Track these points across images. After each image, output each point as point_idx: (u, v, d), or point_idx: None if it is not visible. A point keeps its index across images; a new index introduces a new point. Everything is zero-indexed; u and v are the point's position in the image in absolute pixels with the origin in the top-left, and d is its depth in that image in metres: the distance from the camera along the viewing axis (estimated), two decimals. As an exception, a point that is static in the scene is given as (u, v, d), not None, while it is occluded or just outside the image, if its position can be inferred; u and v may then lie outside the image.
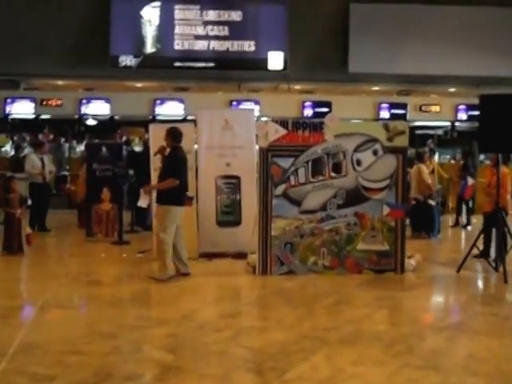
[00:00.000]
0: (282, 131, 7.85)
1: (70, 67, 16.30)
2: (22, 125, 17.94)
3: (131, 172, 12.03)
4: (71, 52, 16.28)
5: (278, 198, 7.82)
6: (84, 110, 17.62)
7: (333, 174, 7.88)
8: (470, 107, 18.11)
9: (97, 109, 17.66)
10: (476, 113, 9.84)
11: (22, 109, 17.48)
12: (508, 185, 9.25)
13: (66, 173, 17.00)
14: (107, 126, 17.99)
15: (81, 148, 17.59)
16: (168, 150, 7.63)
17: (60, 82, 17.88)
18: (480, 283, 8.10)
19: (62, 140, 18.26)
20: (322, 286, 7.33)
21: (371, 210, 7.91)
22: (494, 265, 8.04)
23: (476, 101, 8.65)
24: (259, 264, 7.83)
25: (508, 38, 16.84)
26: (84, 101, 17.63)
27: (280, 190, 7.83)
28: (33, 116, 17.69)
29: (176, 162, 7.51)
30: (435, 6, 16.64)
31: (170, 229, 7.44)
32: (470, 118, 18.06)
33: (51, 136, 17.95)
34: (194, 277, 7.77)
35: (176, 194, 7.45)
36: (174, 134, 7.64)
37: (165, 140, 7.66)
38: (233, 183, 9.16)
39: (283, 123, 7.87)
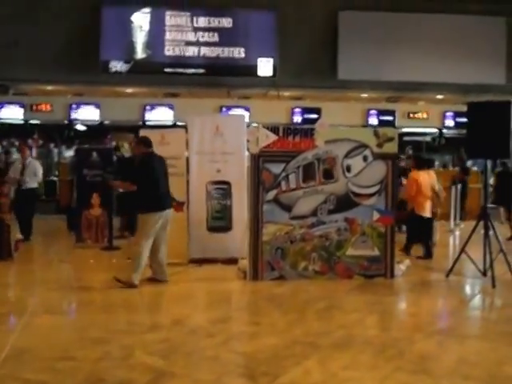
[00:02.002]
0: (273, 137, 7.88)
1: (60, 72, 16.27)
2: (11, 130, 17.89)
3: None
4: (61, 57, 16.25)
5: (268, 204, 7.84)
6: (74, 115, 17.59)
7: (323, 180, 7.92)
8: (457, 114, 18.28)
9: (86, 114, 17.64)
10: (463, 120, 9.93)
11: (11, 114, 17.42)
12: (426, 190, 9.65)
13: (55, 178, 16.95)
14: (97, 131, 17.97)
15: (70, 153, 17.55)
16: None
17: (50, 88, 17.83)
18: (469, 288, 8.16)
19: (52, 145, 18.21)
20: (313, 291, 7.35)
21: (361, 216, 7.95)
22: (482, 270, 8.11)
23: (463, 108, 8.73)
24: (250, 269, 7.84)
25: (495, 46, 17.04)
26: (74, 106, 17.61)
27: (271, 195, 7.85)
28: (22, 121, 17.62)
29: (148, 168, 7.48)
30: (423, 15, 16.82)
31: (147, 241, 7.37)
32: (458, 125, 18.23)
33: (40, 141, 17.90)
34: (185, 282, 7.79)
35: (153, 200, 7.38)
36: (146, 141, 7.64)
37: (135, 148, 7.71)
38: (223, 189, 9.17)
39: (274, 129, 7.91)
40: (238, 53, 16.80)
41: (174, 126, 16.61)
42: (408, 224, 10.34)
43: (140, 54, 16.69)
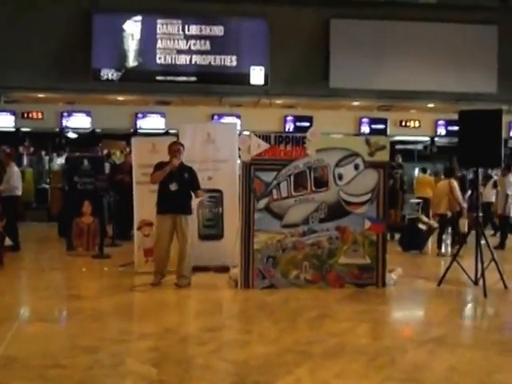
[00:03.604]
0: (265, 145, 7.88)
1: (51, 80, 16.25)
2: (1, 138, 17.81)
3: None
4: (53, 65, 16.24)
5: (260, 212, 7.84)
6: (65, 123, 17.54)
7: (315, 188, 7.92)
8: (449, 122, 18.33)
9: (78, 122, 17.59)
10: (455, 128, 9.98)
11: (2, 121, 17.35)
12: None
13: (47, 186, 16.89)
14: (88, 139, 17.92)
15: (61, 161, 17.49)
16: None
17: (41, 95, 17.79)
18: (460, 297, 8.16)
19: (43, 153, 18.15)
20: (304, 299, 7.34)
21: (353, 224, 7.96)
22: (474, 279, 8.12)
23: (455, 116, 8.78)
24: (241, 278, 7.82)
25: (486, 55, 17.14)
26: (65, 114, 17.56)
27: (262, 203, 7.85)
28: (13, 129, 17.56)
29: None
30: (415, 23, 16.93)
31: (157, 238, 8.05)
32: (449, 134, 18.29)
33: (31, 149, 17.83)
34: (176, 290, 7.75)
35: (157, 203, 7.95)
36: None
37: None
38: (215, 197, 9.16)
39: (266, 137, 7.91)
40: (230, 61, 16.83)
41: (166, 133, 16.59)
42: None
43: (131, 61, 16.69)
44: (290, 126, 18.08)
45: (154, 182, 7.99)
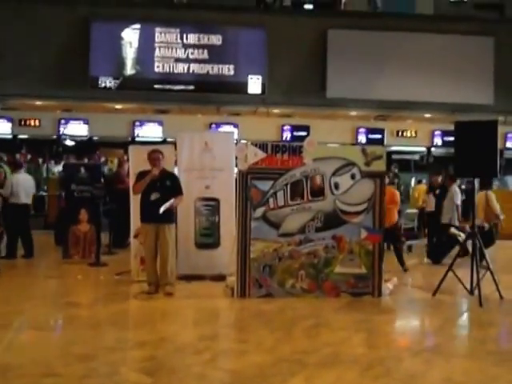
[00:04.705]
0: (262, 154, 7.90)
1: (49, 88, 16.26)
2: (-2, 144, 17.83)
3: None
4: (51, 72, 16.24)
5: (256, 221, 7.85)
6: (62, 130, 17.55)
7: (311, 198, 7.94)
8: (445, 133, 18.40)
9: (75, 129, 17.61)
10: (451, 138, 10.00)
11: (0, 128, 17.35)
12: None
13: (44, 193, 16.87)
14: (85, 146, 17.93)
15: (59, 168, 17.48)
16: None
17: (38, 103, 17.82)
18: (456, 307, 8.17)
19: (40, 160, 18.14)
20: (300, 308, 7.34)
21: (349, 234, 7.97)
22: (469, 288, 8.13)
23: (451, 127, 8.81)
24: (237, 286, 7.82)
25: (483, 66, 17.21)
26: (62, 121, 17.57)
27: (259, 212, 7.86)
28: (10, 136, 17.56)
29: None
30: (412, 34, 17.00)
31: (144, 247, 8.12)
32: (446, 144, 18.34)
33: (29, 156, 17.83)
34: (172, 299, 7.75)
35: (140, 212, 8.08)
36: None
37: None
38: (212, 205, 9.17)
39: (263, 146, 7.93)
40: (228, 70, 16.88)
41: (164, 142, 16.61)
42: None
43: (129, 70, 16.72)
44: (287, 135, 18.13)
45: (136, 192, 8.04)
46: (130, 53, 16.71)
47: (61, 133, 17.59)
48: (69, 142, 18.38)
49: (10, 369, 4.92)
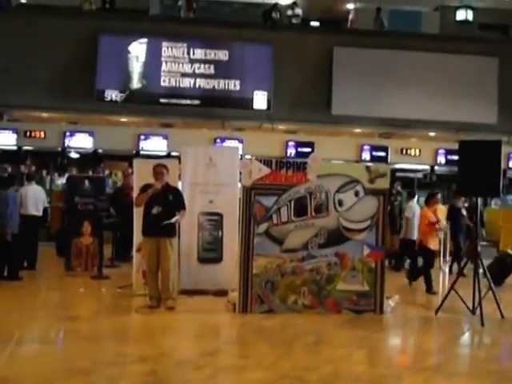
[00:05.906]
0: (266, 170, 7.92)
1: (55, 100, 16.34)
2: (4, 156, 17.85)
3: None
4: (57, 85, 16.33)
5: (259, 237, 7.85)
6: (67, 142, 17.59)
7: (315, 214, 7.94)
8: (449, 152, 18.36)
9: (80, 142, 17.64)
10: (455, 157, 10.04)
11: (5, 140, 17.40)
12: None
13: (47, 205, 16.85)
14: (90, 159, 17.96)
15: (63, 181, 17.49)
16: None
17: (44, 114, 17.88)
18: (457, 326, 8.13)
19: (44, 172, 18.16)
20: (302, 325, 7.33)
21: (352, 251, 7.96)
22: (471, 308, 8.11)
23: (455, 146, 8.84)
24: (239, 302, 7.81)
25: (487, 86, 17.26)
26: (68, 133, 17.61)
27: (262, 228, 7.86)
28: (15, 147, 17.61)
29: None
30: (417, 53, 17.08)
31: (145, 261, 8.10)
32: (449, 163, 18.31)
33: (33, 168, 17.84)
34: (174, 313, 7.74)
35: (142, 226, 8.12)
36: None
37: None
38: (215, 220, 9.18)
39: (267, 162, 7.96)
40: (234, 85, 16.96)
41: (168, 156, 16.63)
42: None
43: (136, 83, 16.82)
44: (291, 152, 18.13)
45: (138, 205, 8.07)
46: (136, 67, 16.81)
47: (66, 145, 17.62)
48: (73, 155, 18.41)
49: (10, 382, 4.90)
